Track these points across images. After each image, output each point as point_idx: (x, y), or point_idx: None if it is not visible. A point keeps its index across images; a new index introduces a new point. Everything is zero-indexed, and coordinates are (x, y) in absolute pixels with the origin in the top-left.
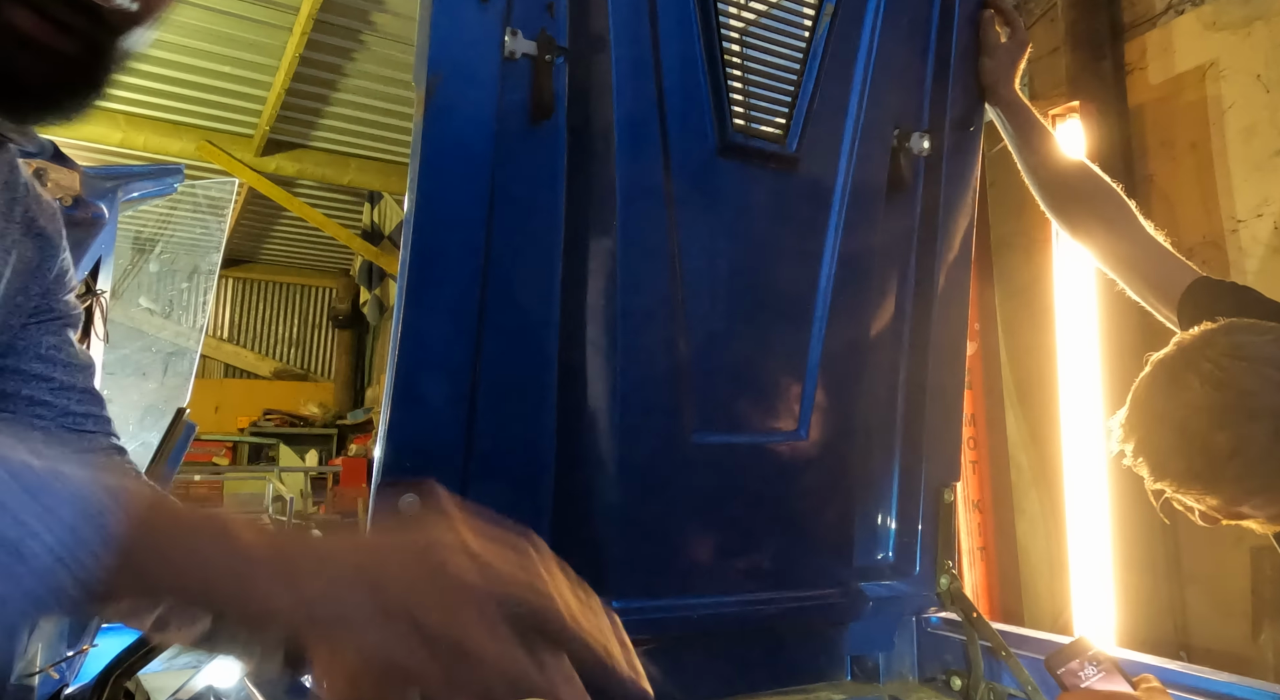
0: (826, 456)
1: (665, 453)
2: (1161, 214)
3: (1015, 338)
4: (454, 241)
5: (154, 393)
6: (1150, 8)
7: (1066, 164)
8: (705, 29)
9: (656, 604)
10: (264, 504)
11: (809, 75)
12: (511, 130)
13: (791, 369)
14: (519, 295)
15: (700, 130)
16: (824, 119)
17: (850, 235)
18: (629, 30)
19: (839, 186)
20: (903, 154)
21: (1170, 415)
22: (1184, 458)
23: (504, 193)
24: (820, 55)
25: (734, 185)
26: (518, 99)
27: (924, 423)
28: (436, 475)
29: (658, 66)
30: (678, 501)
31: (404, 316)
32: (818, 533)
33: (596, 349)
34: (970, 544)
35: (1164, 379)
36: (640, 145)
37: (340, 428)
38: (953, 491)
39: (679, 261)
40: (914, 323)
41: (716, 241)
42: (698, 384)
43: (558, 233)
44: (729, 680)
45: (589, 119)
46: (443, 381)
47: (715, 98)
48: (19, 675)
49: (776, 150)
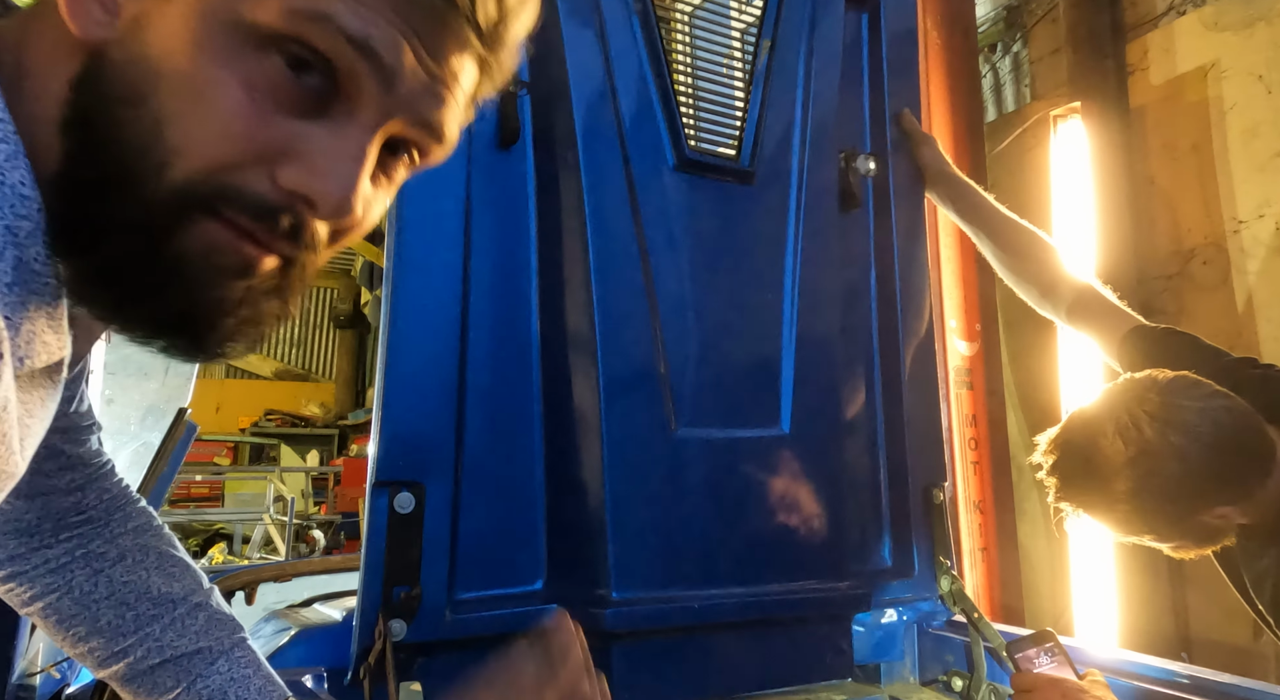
0: (810, 453)
1: (649, 449)
2: (1163, 215)
3: (1017, 338)
4: (435, 255)
5: (155, 392)
6: (1152, 8)
7: (1018, 229)
8: (654, 61)
9: (653, 596)
10: (265, 504)
11: (754, 102)
12: (482, 153)
13: (767, 369)
14: (500, 299)
15: (658, 150)
16: (772, 140)
17: (809, 244)
18: (584, 65)
19: (793, 201)
20: (850, 173)
21: (1082, 451)
22: (1083, 491)
23: (480, 207)
24: (763, 84)
25: (695, 197)
26: (487, 126)
27: (904, 424)
28: (430, 475)
29: (614, 95)
30: (663, 497)
31: (390, 328)
32: (811, 529)
33: (577, 347)
34: (971, 544)
35: (1089, 417)
36: (603, 164)
37: (341, 428)
38: (943, 492)
39: (649, 266)
40: (881, 331)
41: (683, 248)
42: (678, 381)
43: (530, 241)
44: (729, 680)
45: (554, 142)
46: (430, 386)
47: (670, 121)
48: (20, 675)
49: (732, 165)
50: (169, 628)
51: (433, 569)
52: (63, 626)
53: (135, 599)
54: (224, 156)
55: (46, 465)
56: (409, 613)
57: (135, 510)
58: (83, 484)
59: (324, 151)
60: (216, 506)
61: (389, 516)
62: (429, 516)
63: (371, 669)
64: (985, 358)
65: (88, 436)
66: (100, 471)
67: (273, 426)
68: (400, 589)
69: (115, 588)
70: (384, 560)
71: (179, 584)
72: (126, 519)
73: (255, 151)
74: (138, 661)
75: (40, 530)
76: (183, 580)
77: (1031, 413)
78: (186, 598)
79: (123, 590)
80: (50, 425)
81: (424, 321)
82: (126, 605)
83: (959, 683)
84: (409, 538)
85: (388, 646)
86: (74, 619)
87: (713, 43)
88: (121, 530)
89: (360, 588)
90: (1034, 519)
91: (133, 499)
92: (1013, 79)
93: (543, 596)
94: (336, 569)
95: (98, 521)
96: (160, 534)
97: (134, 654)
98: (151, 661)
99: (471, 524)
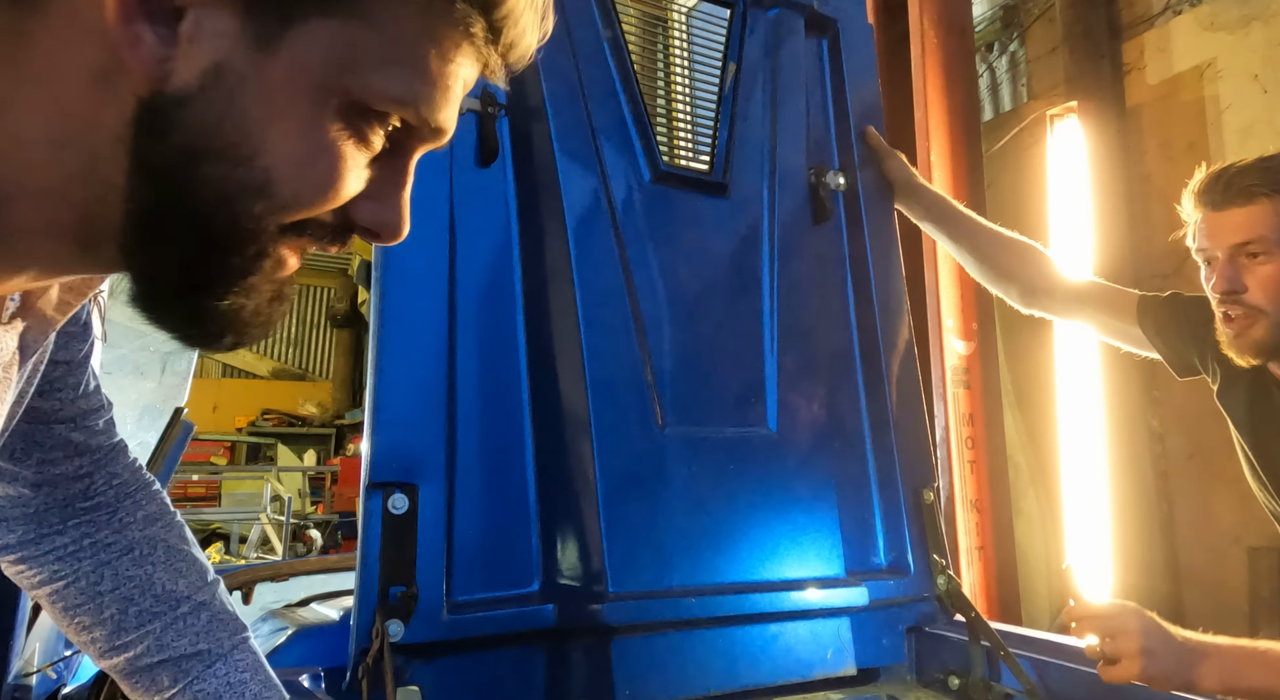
0: (798, 452)
1: (638, 446)
2: (1159, 214)
3: (1014, 338)
4: (422, 261)
5: (152, 392)
6: (1148, 8)
7: (994, 234)
8: (625, 83)
9: (651, 589)
10: (262, 504)
11: (723, 121)
12: (464, 171)
13: (750, 371)
14: (486, 305)
15: (633, 164)
16: (743, 157)
17: (785, 256)
18: (559, 86)
19: (766, 214)
20: (821, 188)
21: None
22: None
23: (463, 219)
24: (730, 105)
25: (672, 210)
26: (467, 146)
27: (890, 426)
28: (423, 476)
29: (589, 114)
30: (655, 493)
31: (379, 333)
32: (803, 526)
33: (564, 351)
34: (968, 544)
35: None
36: (581, 179)
37: (338, 427)
38: (932, 492)
39: (630, 276)
40: (860, 337)
41: (663, 259)
42: (663, 382)
43: (514, 250)
44: (730, 676)
45: (533, 159)
46: (421, 390)
47: (643, 138)
48: (16, 674)
49: (706, 178)
50: (170, 627)
51: (428, 570)
52: (68, 614)
53: (139, 594)
54: (321, 207)
55: (53, 453)
56: (405, 613)
57: (146, 496)
58: (91, 470)
59: (387, 189)
60: (213, 506)
61: (383, 517)
62: (423, 517)
63: (370, 670)
64: (982, 357)
65: (96, 420)
66: (110, 455)
67: (269, 426)
68: (396, 589)
69: (120, 581)
70: (379, 561)
71: (184, 581)
72: (136, 506)
73: (344, 200)
74: (137, 658)
75: (48, 517)
76: (188, 576)
77: (1028, 412)
78: (190, 596)
79: (127, 584)
80: (56, 415)
81: (412, 327)
82: (130, 600)
83: (956, 681)
84: (404, 538)
85: (385, 648)
86: (79, 609)
87: (683, 65)
88: (130, 519)
89: (357, 588)
90: (1030, 518)
91: (145, 482)
92: (1009, 78)
93: (539, 597)
94: (333, 568)
95: (107, 508)
96: (170, 524)
97: (134, 649)
98: (151, 660)
99: (466, 525)
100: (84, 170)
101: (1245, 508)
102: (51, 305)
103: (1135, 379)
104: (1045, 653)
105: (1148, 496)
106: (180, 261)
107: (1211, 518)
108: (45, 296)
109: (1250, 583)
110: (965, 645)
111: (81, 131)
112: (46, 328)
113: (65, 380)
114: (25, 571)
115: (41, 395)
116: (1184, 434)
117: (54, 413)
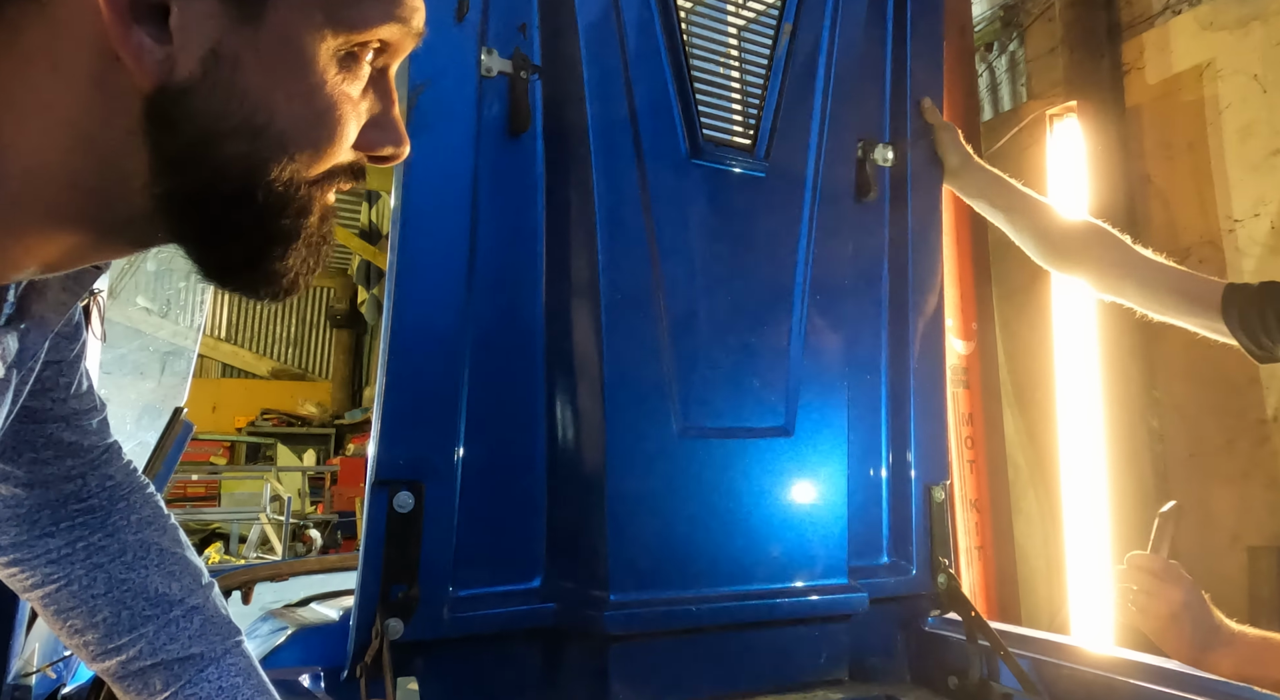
0: (812, 453)
1: (652, 448)
2: (1159, 214)
3: (1013, 337)
4: (440, 247)
5: (151, 392)
6: (1148, 7)
7: (1059, 215)
8: (671, 47)
9: (652, 597)
10: (261, 504)
11: (772, 89)
12: (491, 141)
13: (774, 367)
14: (504, 295)
15: (671, 139)
16: (789, 130)
17: (823, 238)
18: (599, 49)
19: (808, 192)
20: (868, 164)
21: None
22: None
23: (487, 199)
24: (781, 71)
25: (708, 189)
26: (496, 113)
27: (909, 423)
28: (429, 474)
29: (628, 83)
30: (664, 498)
31: (392, 322)
32: (812, 531)
33: (582, 346)
34: (968, 543)
35: None
36: (615, 154)
37: (338, 427)
38: (943, 490)
39: (658, 261)
40: (890, 326)
41: (693, 243)
42: (683, 381)
43: (539, 234)
44: (728, 679)
45: (565, 131)
46: (432, 384)
47: (684, 110)
48: (16, 674)
49: (746, 157)
50: (163, 630)
51: (431, 568)
52: (60, 617)
53: (132, 598)
54: (339, 152)
55: (45, 452)
56: (406, 612)
57: (140, 499)
58: (84, 471)
59: (379, 112)
60: (213, 506)
61: (388, 516)
62: (428, 516)
63: (368, 667)
64: (981, 357)
65: (89, 420)
66: (103, 457)
67: (269, 426)
68: (398, 588)
69: (113, 584)
70: (383, 559)
71: (178, 584)
72: (130, 509)
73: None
74: (129, 661)
75: (40, 518)
76: (182, 579)
77: (1028, 411)
78: (184, 600)
79: (120, 588)
80: (48, 415)
81: (427, 317)
82: (123, 603)
83: (955, 680)
84: (408, 537)
85: (385, 645)
86: (71, 612)
87: (730, 30)
88: (124, 522)
89: (358, 586)
90: (1030, 517)
91: (139, 485)
92: (1009, 78)
93: (540, 594)
94: (333, 568)
95: (100, 511)
96: (164, 527)
97: (127, 653)
98: (143, 663)
99: (471, 523)
100: (99, 167)
101: (1245, 507)
102: (49, 306)
103: (1135, 378)
104: (1044, 652)
105: (1147, 496)
106: (235, 236)
107: (1211, 517)
108: (43, 298)
109: (1250, 582)
110: (964, 644)
111: (91, 131)
112: (45, 329)
113: (57, 380)
114: (18, 574)
115: (33, 395)
116: (1184, 434)
117: (45, 412)
